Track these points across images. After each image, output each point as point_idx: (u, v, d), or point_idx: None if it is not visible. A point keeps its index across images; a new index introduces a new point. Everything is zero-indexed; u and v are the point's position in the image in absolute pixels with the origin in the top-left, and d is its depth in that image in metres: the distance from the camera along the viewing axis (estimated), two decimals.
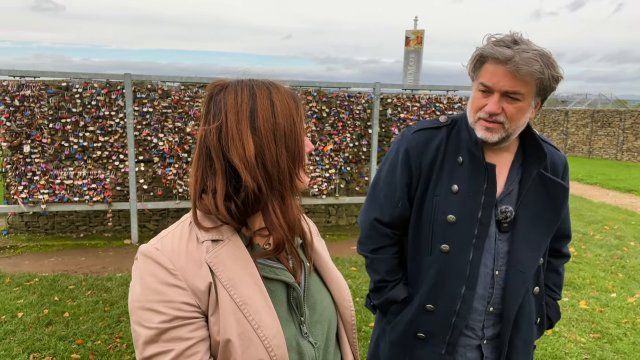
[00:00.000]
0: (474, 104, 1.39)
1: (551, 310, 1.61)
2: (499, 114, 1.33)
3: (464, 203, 1.41)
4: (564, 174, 1.51)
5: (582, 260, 5.60)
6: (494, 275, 1.43)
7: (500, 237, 1.44)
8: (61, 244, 5.88)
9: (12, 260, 5.31)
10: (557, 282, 1.63)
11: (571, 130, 19.64)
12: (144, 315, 0.81)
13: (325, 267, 1.05)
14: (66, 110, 5.78)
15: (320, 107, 6.40)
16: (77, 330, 3.54)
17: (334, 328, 1.02)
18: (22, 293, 4.24)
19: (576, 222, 7.54)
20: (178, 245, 0.87)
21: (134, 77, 5.81)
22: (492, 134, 1.36)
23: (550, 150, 1.49)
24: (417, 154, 1.48)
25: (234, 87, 0.90)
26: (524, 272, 1.42)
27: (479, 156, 1.41)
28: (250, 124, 0.86)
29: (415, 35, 14.86)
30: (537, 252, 1.44)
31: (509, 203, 1.44)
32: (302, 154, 0.90)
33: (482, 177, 1.41)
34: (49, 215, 6.24)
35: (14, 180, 5.75)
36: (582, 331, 3.78)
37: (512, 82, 1.29)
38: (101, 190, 5.96)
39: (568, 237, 1.63)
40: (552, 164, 1.49)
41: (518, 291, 1.42)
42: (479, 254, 1.41)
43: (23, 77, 5.64)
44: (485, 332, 1.47)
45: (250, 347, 0.83)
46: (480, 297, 1.44)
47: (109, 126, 5.93)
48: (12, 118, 5.63)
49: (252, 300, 0.86)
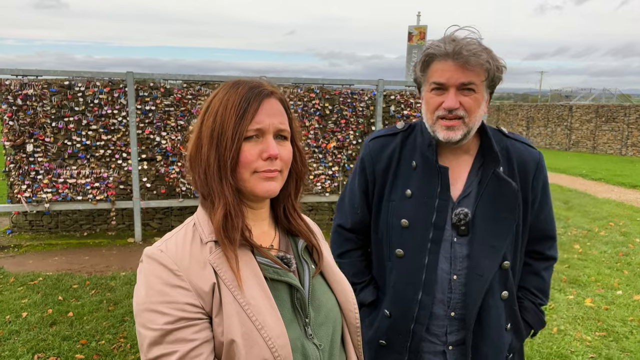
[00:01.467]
0: (430, 105, 1.38)
1: (530, 315, 1.53)
2: (458, 108, 1.32)
3: (417, 207, 1.41)
4: (537, 171, 1.46)
5: (588, 257, 5.57)
6: (450, 279, 1.40)
7: (459, 240, 1.40)
8: (65, 243, 5.89)
9: (17, 259, 5.32)
10: (539, 286, 1.54)
11: (575, 125, 19.55)
12: (148, 317, 0.82)
13: (329, 269, 1.06)
14: (69, 109, 5.77)
15: (324, 104, 6.37)
16: (82, 330, 3.55)
17: (338, 330, 1.02)
18: (26, 292, 4.25)
19: (581, 218, 7.51)
20: (182, 246, 0.88)
21: (136, 75, 5.80)
22: (455, 132, 1.34)
23: (517, 148, 1.46)
24: (371, 161, 1.51)
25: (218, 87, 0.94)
26: (481, 275, 1.38)
27: (432, 159, 1.41)
28: (200, 123, 0.92)
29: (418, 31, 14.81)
30: (496, 255, 1.39)
31: (467, 205, 1.40)
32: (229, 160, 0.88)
33: (436, 180, 1.40)
34: (52, 214, 6.25)
35: (18, 180, 5.76)
36: (587, 329, 3.76)
37: (465, 73, 1.30)
38: (104, 189, 5.96)
39: (551, 238, 1.55)
40: (520, 162, 1.44)
41: (477, 295, 1.38)
42: (435, 259, 1.40)
43: (25, 76, 5.63)
44: (448, 338, 1.43)
45: (254, 348, 0.83)
46: (439, 302, 1.41)
47: (111, 125, 5.92)
48: (14, 117, 5.63)
49: (256, 300, 0.86)
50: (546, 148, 20.62)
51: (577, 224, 7.15)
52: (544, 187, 1.49)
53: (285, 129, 0.93)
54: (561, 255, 5.63)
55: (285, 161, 0.94)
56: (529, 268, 1.55)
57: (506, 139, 1.48)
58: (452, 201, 1.41)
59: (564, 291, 4.54)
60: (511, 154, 1.44)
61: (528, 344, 3.49)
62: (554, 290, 4.56)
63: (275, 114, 0.92)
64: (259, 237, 0.96)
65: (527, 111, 22.05)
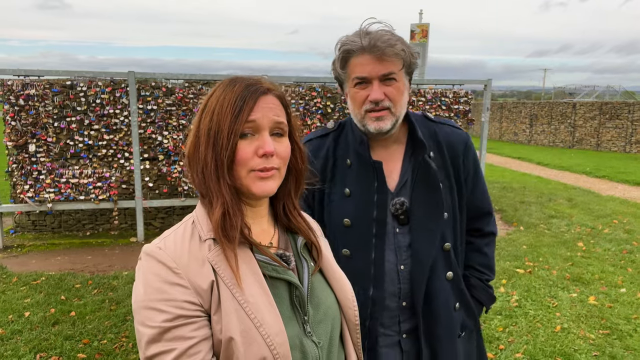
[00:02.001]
0: (356, 100, 1.39)
1: (479, 292, 1.57)
2: (383, 99, 1.35)
3: (357, 205, 1.42)
4: (465, 152, 1.51)
5: (591, 255, 5.54)
6: (398, 270, 1.42)
7: (401, 230, 1.43)
8: (68, 243, 5.91)
9: (19, 259, 5.34)
10: (483, 262, 1.60)
11: (579, 122, 19.46)
12: (147, 315, 0.82)
13: (328, 267, 1.05)
14: (71, 109, 5.78)
15: (325, 103, 6.36)
16: (84, 330, 3.55)
17: (337, 328, 1.02)
18: (29, 292, 4.26)
19: (584, 216, 7.48)
20: (181, 244, 0.88)
21: (137, 75, 5.80)
22: (384, 122, 1.37)
23: (445, 131, 1.50)
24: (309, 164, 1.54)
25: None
26: (422, 260, 1.41)
27: (365, 155, 1.43)
28: (198, 122, 0.91)
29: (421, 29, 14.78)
30: (433, 238, 1.42)
31: (405, 194, 1.43)
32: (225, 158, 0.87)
33: (372, 175, 1.42)
34: (55, 214, 6.27)
35: (20, 180, 5.77)
36: (591, 327, 3.74)
37: (384, 65, 1.33)
38: (107, 189, 5.97)
39: (488, 213, 1.61)
40: (448, 145, 1.49)
41: (420, 281, 1.41)
42: (382, 253, 1.42)
43: (27, 77, 5.65)
44: (402, 327, 1.45)
45: (253, 345, 0.83)
46: (391, 295, 1.42)
47: (113, 124, 5.93)
48: (17, 117, 5.64)
49: (254, 298, 0.86)
50: (550, 146, 20.56)
51: (581, 221, 7.12)
52: (474, 165, 1.54)
53: (281, 122, 0.92)
54: (564, 253, 5.61)
55: (282, 158, 0.93)
56: (471, 246, 1.60)
57: (433, 124, 1.51)
58: (391, 192, 1.43)
59: (567, 289, 4.52)
60: (439, 138, 1.48)
61: (531, 342, 3.48)
62: (557, 288, 4.54)
63: (272, 110, 0.91)
64: (258, 234, 0.96)
65: (530, 109, 21.98)
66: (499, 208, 8.03)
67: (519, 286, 4.57)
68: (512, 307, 4.10)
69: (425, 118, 1.53)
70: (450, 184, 1.47)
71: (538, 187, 10.23)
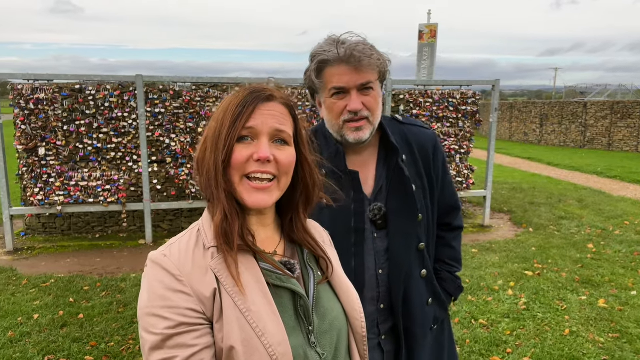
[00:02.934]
0: (334, 111, 1.38)
1: (448, 285, 1.63)
2: (362, 109, 1.35)
3: (335, 215, 1.40)
4: (435, 152, 1.53)
5: (601, 257, 5.47)
6: (377, 274, 1.44)
7: (379, 235, 1.45)
8: (77, 245, 5.96)
9: (30, 261, 5.40)
10: (452, 256, 1.66)
11: (590, 122, 19.25)
12: (150, 321, 0.82)
13: (336, 277, 1.04)
14: (80, 113, 5.84)
15: None
16: (91, 332, 3.58)
17: (344, 339, 1.00)
18: (38, 294, 4.31)
19: (595, 217, 7.39)
20: (185, 252, 0.88)
21: (145, 78, 5.84)
22: (363, 131, 1.38)
23: (413, 132, 1.52)
24: None
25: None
26: (399, 263, 1.43)
27: (342, 166, 1.42)
28: (209, 129, 0.93)
29: (429, 29, 14.71)
30: (409, 241, 1.45)
31: (381, 199, 1.45)
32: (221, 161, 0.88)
33: (348, 185, 1.42)
34: (65, 217, 6.33)
35: (30, 183, 5.84)
36: (600, 331, 3.69)
37: (361, 75, 1.33)
38: (115, 191, 6.01)
39: (456, 208, 1.66)
40: (419, 146, 1.51)
41: (398, 283, 1.43)
42: (361, 260, 1.43)
43: (37, 81, 5.71)
44: (381, 328, 1.47)
45: (255, 355, 0.82)
46: (370, 299, 1.44)
47: (122, 127, 5.98)
48: (27, 121, 5.71)
49: (257, 307, 0.85)
50: (560, 146, 20.36)
51: (591, 223, 7.03)
52: (443, 164, 1.58)
53: (283, 130, 0.91)
54: (574, 255, 5.55)
55: (283, 166, 0.91)
56: (441, 241, 1.65)
57: (402, 126, 1.53)
58: (367, 198, 1.45)
59: (576, 292, 4.47)
60: (410, 140, 1.50)
61: (539, 346, 3.44)
62: (566, 291, 4.49)
63: (274, 116, 0.90)
64: (262, 242, 0.95)
65: (540, 108, 21.78)
66: (508, 209, 7.96)
67: (527, 289, 4.52)
68: (520, 310, 4.07)
69: (394, 121, 1.55)
70: (423, 184, 1.50)
71: (548, 187, 10.13)
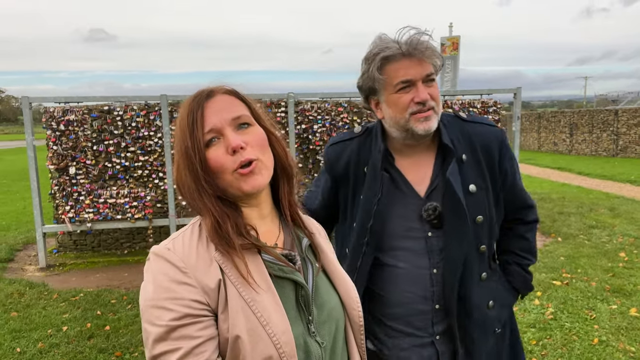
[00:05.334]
0: (399, 104, 1.39)
1: (515, 279, 1.58)
2: (428, 99, 1.38)
3: (361, 212, 1.45)
4: (501, 151, 1.49)
5: (634, 266, 5.28)
6: (431, 274, 1.43)
7: (434, 234, 1.44)
8: (106, 261, 6.13)
9: (61, 277, 5.58)
10: (524, 247, 1.60)
11: (622, 130, 18.70)
12: (154, 313, 0.83)
13: (332, 268, 1.06)
14: (108, 133, 6.05)
15: (352, 118, 6.40)
16: (117, 343, 3.67)
17: (341, 329, 1.02)
18: (67, 308, 4.44)
19: (627, 225, 7.15)
20: (189, 245, 0.90)
21: (169, 97, 6.03)
22: (431, 121, 1.39)
23: (477, 131, 1.48)
24: (330, 169, 1.57)
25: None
26: (453, 263, 1.41)
27: (377, 165, 1.44)
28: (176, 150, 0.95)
29: (451, 42, 14.67)
30: (465, 241, 1.42)
31: (436, 199, 1.43)
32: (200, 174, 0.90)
33: (377, 186, 1.43)
34: (95, 234, 6.52)
35: (62, 201, 6.06)
36: (632, 340, 3.56)
37: (424, 66, 1.37)
38: (142, 208, 6.17)
39: (530, 206, 1.60)
40: (482, 145, 1.47)
41: (452, 284, 1.41)
42: (368, 259, 1.44)
43: (67, 103, 5.97)
44: (435, 329, 1.46)
45: (259, 344, 0.84)
46: (422, 298, 1.44)
47: (148, 146, 6.16)
48: (58, 142, 5.96)
49: (261, 297, 0.87)
50: (592, 155, 19.81)
51: (624, 231, 6.81)
52: (511, 163, 1.52)
53: (239, 115, 0.94)
54: (605, 264, 5.38)
55: (258, 145, 0.94)
56: (512, 232, 1.60)
57: (465, 124, 1.50)
58: (420, 198, 1.44)
59: (607, 301, 4.32)
60: (473, 139, 1.47)
61: (565, 355, 3.34)
62: (596, 300, 4.34)
63: (224, 108, 0.93)
64: (263, 234, 0.97)
65: (569, 117, 21.31)
66: None
67: (554, 298, 4.40)
68: (547, 319, 3.96)
69: (457, 118, 1.51)
70: (485, 185, 1.45)
71: (578, 197, 9.86)
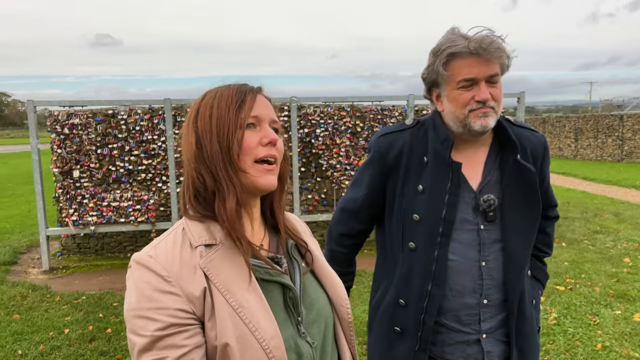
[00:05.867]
0: (459, 102, 1.40)
1: (539, 272, 1.64)
2: (489, 99, 1.38)
3: (428, 202, 1.44)
4: (544, 154, 1.56)
5: (638, 271, 5.25)
6: (480, 266, 1.43)
7: (487, 227, 1.43)
8: (109, 264, 6.14)
9: (64, 279, 5.59)
10: (545, 241, 1.66)
11: (627, 135, 18.62)
12: (138, 323, 0.82)
13: (319, 266, 1.05)
14: (112, 136, 6.08)
15: (354, 122, 6.41)
16: (118, 346, 3.67)
17: (330, 326, 1.02)
18: (69, 310, 4.45)
19: (632, 231, 7.11)
20: (172, 252, 0.87)
21: (173, 101, 6.05)
22: (490, 118, 1.39)
23: (525, 135, 1.52)
24: (380, 158, 1.55)
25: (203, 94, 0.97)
26: (516, 260, 1.42)
27: (444, 155, 1.43)
28: (193, 124, 0.92)
29: None
30: (528, 239, 1.45)
31: (490, 192, 1.44)
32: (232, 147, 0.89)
33: (446, 175, 1.42)
34: (98, 237, 6.54)
35: (66, 204, 6.08)
36: (636, 346, 3.53)
37: (490, 67, 1.37)
38: (145, 211, 6.19)
39: (554, 205, 1.68)
40: (532, 148, 1.51)
41: (515, 281, 1.42)
42: (445, 252, 1.42)
43: (72, 107, 6.00)
44: (482, 326, 1.44)
45: (249, 350, 0.83)
46: (470, 291, 1.43)
47: (152, 150, 6.18)
48: (62, 145, 5.99)
49: (249, 303, 0.86)
50: (597, 160, 19.72)
51: (628, 236, 6.77)
52: (549, 168, 1.59)
53: (276, 120, 0.96)
54: (609, 269, 5.34)
55: (280, 151, 0.95)
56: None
57: (514, 127, 1.52)
58: (473, 191, 1.45)
59: (610, 306, 4.29)
60: (524, 142, 1.50)
61: None
62: (599, 305, 4.32)
63: (268, 107, 0.95)
64: (250, 236, 0.95)
65: (574, 123, 21.23)
66: None
67: (558, 303, 4.38)
68: (550, 324, 3.93)
69: (508, 121, 1.53)
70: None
71: (583, 202, 9.81)
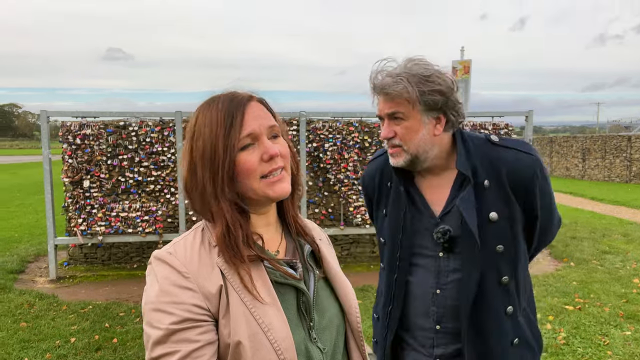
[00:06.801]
0: (382, 135, 1.44)
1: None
2: (393, 137, 1.37)
3: (389, 227, 1.49)
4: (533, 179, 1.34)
5: None
6: (434, 293, 1.42)
7: (445, 255, 1.41)
8: (116, 274, 6.15)
9: (71, 289, 5.60)
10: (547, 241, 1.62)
11: (635, 156, 18.53)
12: (155, 316, 0.84)
13: (333, 274, 1.06)
14: (123, 147, 6.15)
15: (363, 137, 6.44)
16: (124, 356, 3.66)
17: (342, 334, 1.03)
18: (76, 320, 4.45)
19: None
20: (191, 249, 0.90)
21: (184, 114, 6.12)
22: (396, 158, 1.39)
23: (506, 158, 1.35)
24: (364, 185, 1.64)
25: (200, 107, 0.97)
26: (465, 290, 1.36)
27: (397, 182, 1.46)
28: (190, 150, 0.94)
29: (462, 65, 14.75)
30: (478, 269, 1.35)
31: (449, 221, 1.38)
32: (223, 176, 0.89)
33: (402, 202, 1.45)
34: (105, 247, 6.56)
35: (75, 214, 6.12)
36: None
37: (389, 104, 1.36)
38: (153, 222, 6.22)
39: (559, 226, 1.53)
40: (511, 173, 1.34)
41: (463, 311, 1.37)
42: (404, 274, 1.46)
43: (84, 118, 6.08)
44: (435, 351, 1.44)
45: (261, 350, 0.84)
46: (423, 314, 1.45)
47: (161, 161, 6.24)
48: (73, 155, 6.06)
49: (263, 303, 0.88)
50: (605, 181, 19.61)
51: (637, 257, 6.70)
52: (547, 194, 1.39)
53: (274, 124, 0.95)
54: (618, 290, 5.28)
55: (285, 156, 0.95)
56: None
57: (495, 148, 1.38)
58: (434, 218, 1.42)
59: (620, 327, 4.24)
60: (499, 164, 1.35)
61: None
62: (609, 326, 4.27)
63: (262, 116, 0.94)
64: (267, 242, 0.97)
65: (582, 143, 21.18)
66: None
67: (567, 323, 4.33)
68: (559, 344, 3.89)
69: (488, 142, 1.40)
70: (510, 214, 1.34)
71: (591, 222, 9.74)
